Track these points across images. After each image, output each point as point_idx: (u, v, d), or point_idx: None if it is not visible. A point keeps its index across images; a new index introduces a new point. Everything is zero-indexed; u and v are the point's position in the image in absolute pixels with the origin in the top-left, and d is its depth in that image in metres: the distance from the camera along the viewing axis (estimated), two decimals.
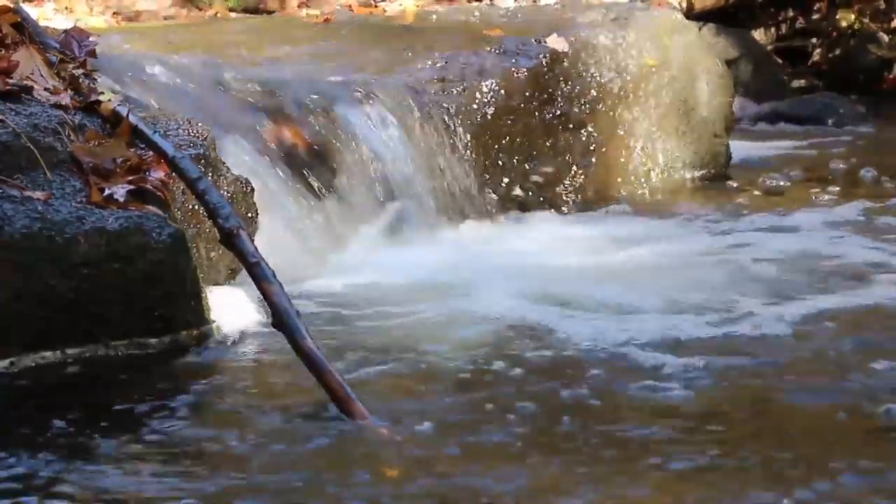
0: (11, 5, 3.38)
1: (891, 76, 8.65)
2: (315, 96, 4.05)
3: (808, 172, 5.50)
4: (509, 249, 3.93)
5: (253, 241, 2.76)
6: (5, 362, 2.62)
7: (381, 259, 3.69)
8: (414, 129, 4.17)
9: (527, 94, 4.56)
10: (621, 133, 4.87)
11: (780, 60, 9.15)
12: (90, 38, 3.53)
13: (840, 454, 2.15)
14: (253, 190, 3.36)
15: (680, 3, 8.61)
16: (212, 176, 3.13)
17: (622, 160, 4.87)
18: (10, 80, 3.03)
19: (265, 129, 3.83)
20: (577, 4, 5.45)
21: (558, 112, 4.66)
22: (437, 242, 3.97)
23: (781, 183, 5.15)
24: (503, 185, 4.43)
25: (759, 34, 9.37)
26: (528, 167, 4.53)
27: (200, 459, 2.16)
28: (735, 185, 5.10)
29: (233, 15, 7.04)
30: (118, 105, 3.11)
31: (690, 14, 8.23)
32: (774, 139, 6.77)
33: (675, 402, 2.45)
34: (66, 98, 3.09)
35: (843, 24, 9.18)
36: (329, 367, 2.43)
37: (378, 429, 2.30)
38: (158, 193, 2.90)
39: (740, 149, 5.70)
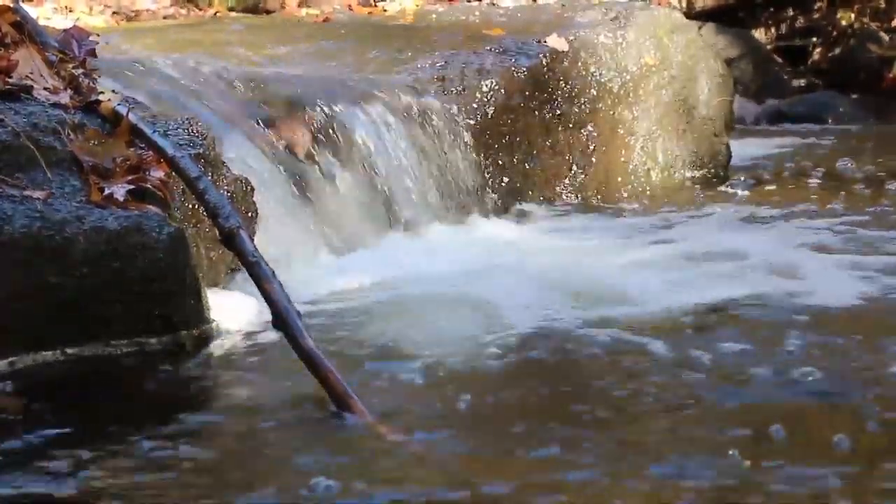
0: (11, 4, 3.38)
1: (891, 75, 8.66)
2: (315, 95, 4.05)
3: (805, 171, 5.51)
4: (509, 248, 3.93)
5: (253, 240, 2.76)
6: (5, 362, 2.62)
7: (381, 258, 3.68)
8: (414, 129, 4.17)
9: (527, 93, 4.56)
10: (621, 132, 4.87)
11: (780, 59, 9.16)
12: (90, 38, 3.53)
13: None
14: (253, 189, 3.36)
15: (680, 3, 8.63)
16: (212, 175, 3.12)
17: (622, 159, 4.87)
18: (10, 80, 3.03)
19: (265, 129, 3.83)
20: (577, 4, 5.45)
21: (558, 111, 4.67)
22: (437, 241, 3.97)
23: (775, 182, 5.15)
24: (503, 184, 4.43)
25: (759, 33, 9.39)
26: (527, 166, 4.53)
27: (200, 458, 2.16)
28: (734, 184, 5.10)
29: (232, 14, 7.05)
30: (118, 104, 3.11)
31: (690, 13, 8.25)
32: (775, 138, 6.78)
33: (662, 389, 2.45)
34: (65, 97, 3.08)
35: (843, 23, 9.19)
36: (329, 365, 2.43)
37: (377, 427, 2.30)
38: (158, 193, 2.90)
39: (740, 148, 5.70)
